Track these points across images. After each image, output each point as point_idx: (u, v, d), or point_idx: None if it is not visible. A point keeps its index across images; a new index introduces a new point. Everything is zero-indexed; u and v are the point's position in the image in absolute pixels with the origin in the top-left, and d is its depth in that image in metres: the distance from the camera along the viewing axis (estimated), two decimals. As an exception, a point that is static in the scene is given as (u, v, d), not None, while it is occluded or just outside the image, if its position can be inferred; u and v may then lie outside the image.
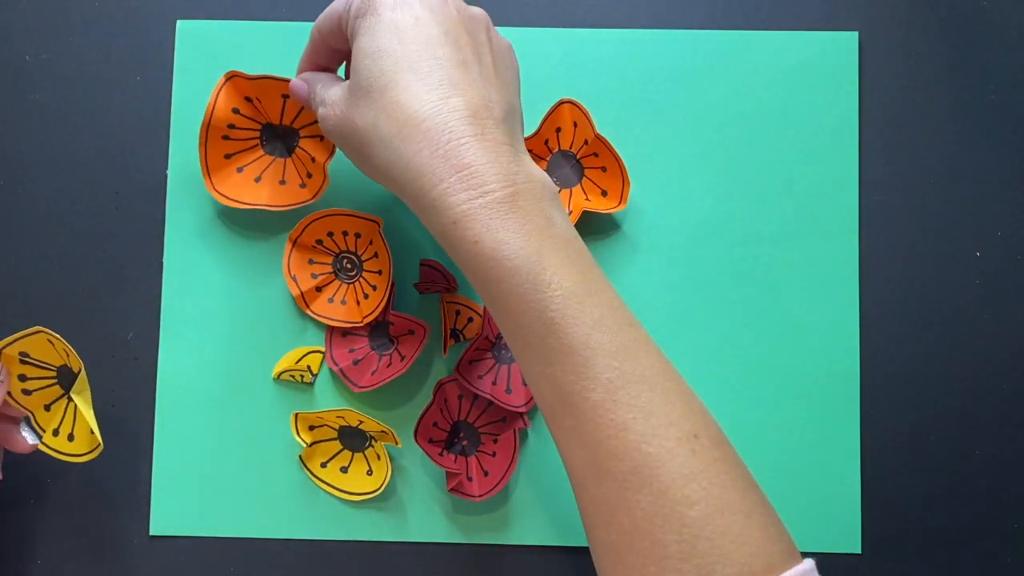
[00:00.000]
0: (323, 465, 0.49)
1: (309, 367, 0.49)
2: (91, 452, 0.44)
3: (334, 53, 0.44)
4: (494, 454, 0.48)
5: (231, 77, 0.47)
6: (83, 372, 0.44)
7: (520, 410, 0.48)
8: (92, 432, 0.44)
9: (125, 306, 0.50)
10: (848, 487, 0.49)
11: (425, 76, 0.37)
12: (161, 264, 0.50)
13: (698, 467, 0.35)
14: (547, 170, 0.50)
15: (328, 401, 0.49)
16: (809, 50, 0.51)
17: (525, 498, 0.49)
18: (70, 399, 0.45)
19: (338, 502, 0.49)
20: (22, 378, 0.44)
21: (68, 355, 0.44)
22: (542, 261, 0.36)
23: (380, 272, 0.48)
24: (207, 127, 0.48)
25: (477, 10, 0.41)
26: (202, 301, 0.50)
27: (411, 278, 0.50)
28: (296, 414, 0.48)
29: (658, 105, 0.51)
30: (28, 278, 0.50)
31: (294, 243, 0.49)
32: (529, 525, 0.48)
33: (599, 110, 0.49)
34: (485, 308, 0.49)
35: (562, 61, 0.51)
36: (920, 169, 0.51)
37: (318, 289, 0.49)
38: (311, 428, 0.48)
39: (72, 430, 0.45)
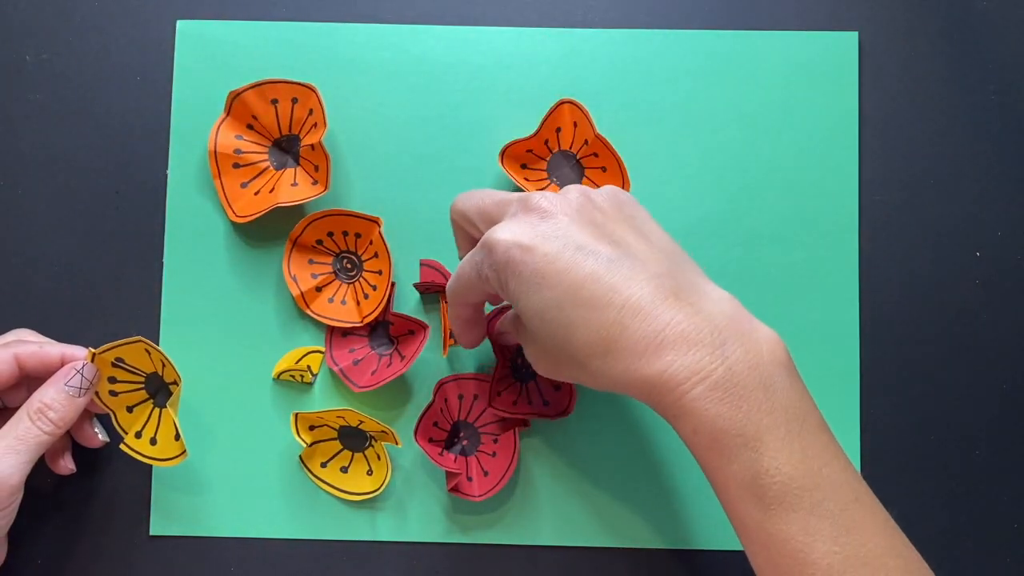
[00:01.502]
0: (323, 465, 0.49)
1: (309, 367, 0.49)
2: (174, 458, 0.45)
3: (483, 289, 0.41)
4: (494, 454, 0.48)
5: (229, 107, 0.48)
6: (179, 385, 0.45)
7: (567, 414, 0.48)
8: (176, 439, 0.45)
9: (125, 306, 0.50)
10: (848, 487, 0.49)
11: (611, 342, 0.36)
12: (161, 264, 0.50)
13: None
14: (547, 170, 0.50)
15: (328, 401, 0.49)
16: (809, 50, 0.51)
17: (525, 498, 0.49)
18: (155, 404, 0.46)
19: (338, 502, 0.49)
20: (111, 380, 0.46)
21: (164, 366, 0.45)
22: (760, 441, 0.34)
23: (380, 272, 0.48)
24: (215, 161, 0.49)
25: (609, 196, 0.39)
26: (202, 301, 0.50)
27: (411, 278, 0.50)
28: (296, 414, 0.48)
29: (658, 105, 0.51)
30: (28, 278, 0.50)
31: (294, 243, 0.49)
32: (529, 525, 0.48)
33: (599, 110, 0.49)
34: (490, 330, 0.48)
35: (562, 61, 0.51)
36: (920, 169, 0.51)
37: (318, 289, 0.49)
38: (311, 428, 0.48)
39: (155, 434, 0.46)
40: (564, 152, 0.50)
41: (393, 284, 0.48)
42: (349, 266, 0.50)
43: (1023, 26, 0.51)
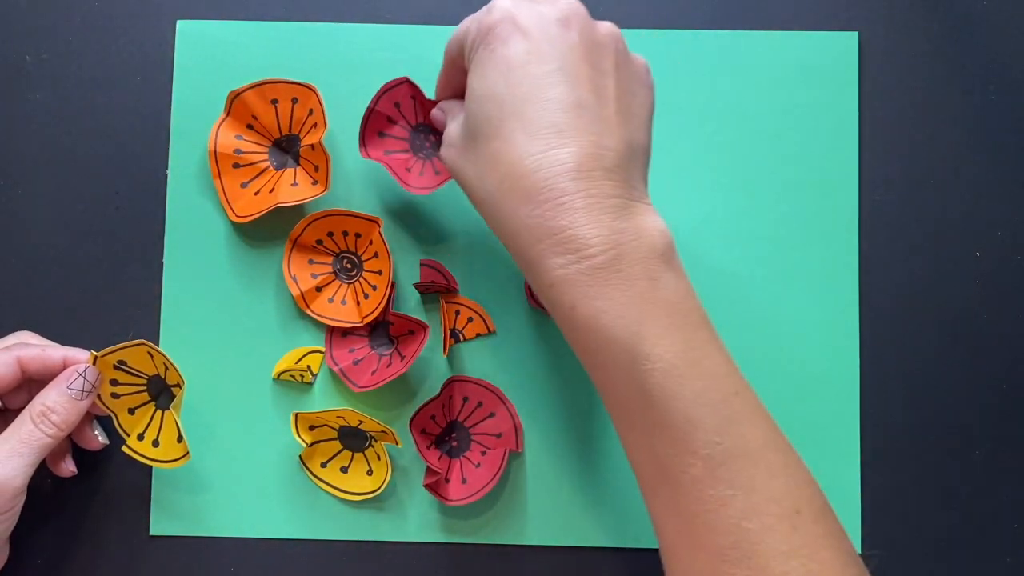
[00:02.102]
0: (323, 465, 0.49)
1: (309, 367, 0.49)
2: (177, 460, 0.45)
3: (466, 76, 0.40)
4: (478, 465, 0.48)
5: (229, 107, 0.48)
6: (182, 388, 0.45)
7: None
8: (179, 441, 0.45)
9: (125, 306, 0.50)
10: (848, 487, 0.49)
11: (530, 124, 0.35)
12: (161, 264, 0.50)
13: (798, 543, 0.34)
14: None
15: (328, 401, 0.49)
16: (809, 50, 0.51)
17: (524, 498, 0.49)
18: (158, 407, 0.46)
19: (338, 502, 0.49)
20: (113, 383, 0.46)
21: (167, 369, 0.45)
22: (641, 331, 0.34)
23: (380, 272, 0.48)
24: (215, 161, 0.49)
25: (605, 30, 0.38)
26: (202, 301, 0.50)
27: (411, 278, 0.50)
28: (296, 414, 0.48)
29: (658, 105, 0.50)
30: (28, 278, 0.50)
31: (294, 243, 0.49)
32: (528, 525, 0.48)
33: (599, 110, 0.49)
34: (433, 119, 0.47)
35: (562, 61, 0.51)
36: (920, 169, 0.51)
37: (318, 289, 0.49)
38: (311, 428, 0.48)
39: (157, 436, 0.46)
40: (564, 152, 0.50)
41: (393, 284, 0.48)
42: (349, 266, 0.50)
43: (1023, 26, 0.51)
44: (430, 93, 0.47)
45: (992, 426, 0.49)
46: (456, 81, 0.42)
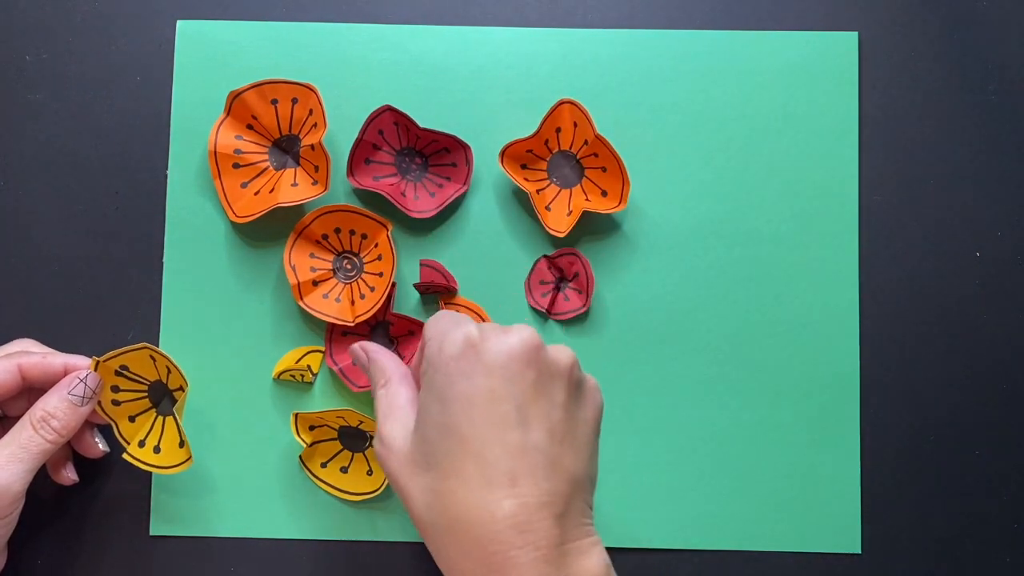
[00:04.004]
0: (323, 465, 0.49)
1: (309, 367, 0.49)
2: (179, 465, 0.45)
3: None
4: None
5: (229, 107, 0.48)
6: (185, 392, 0.45)
7: None
8: (181, 446, 0.45)
9: (125, 306, 0.50)
10: (848, 487, 0.49)
11: (488, 468, 0.35)
12: (161, 264, 0.50)
13: None
14: (547, 170, 0.50)
15: (328, 401, 0.49)
16: (809, 50, 0.51)
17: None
18: (159, 413, 0.46)
19: (338, 502, 0.49)
20: (114, 389, 0.46)
21: (169, 372, 0.45)
22: None
23: (381, 275, 0.48)
24: (215, 161, 0.49)
25: (560, 357, 0.38)
26: (202, 301, 0.50)
27: (411, 279, 0.50)
28: (296, 414, 0.48)
29: (658, 105, 0.51)
30: (28, 278, 0.50)
31: (299, 233, 0.49)
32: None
33: (599, 110, 0.49)
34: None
35: (562, 61, 0.51)
36: (920, 169, 0.51)
37: (315, 283, 0.49)
38: (311, 428, 0.48)
39: (159, 442, 0.46)
40: (564, 152, 0.50)
41: (394, 284, 0.48)
42: (349, 267, 0.50)
43: (1023, 26, 0.51)
44: (420, 107, 0.48)
45: (992, 426, 0.49)
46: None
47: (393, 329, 0.49)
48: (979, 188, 0.50)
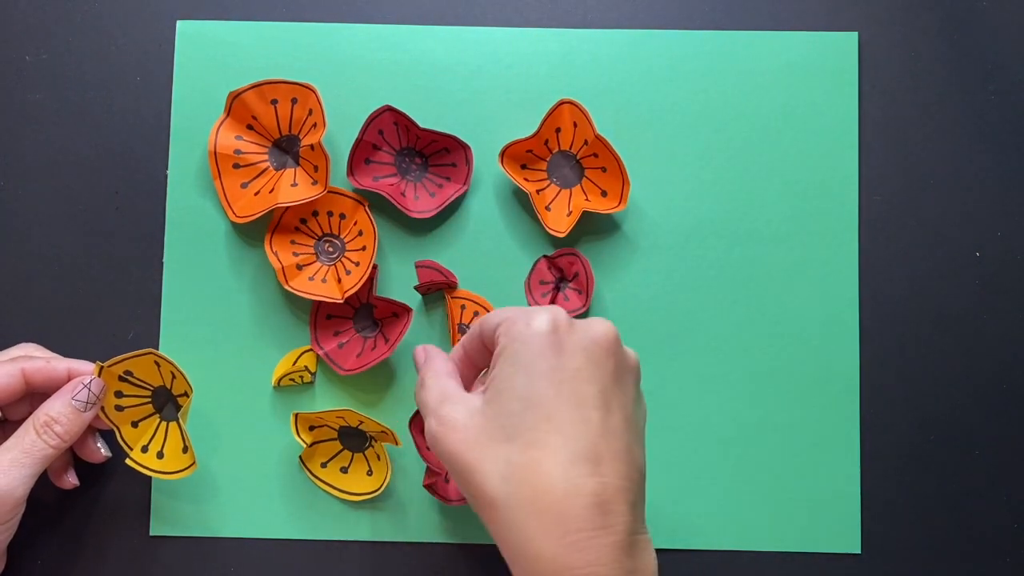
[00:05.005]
0: (323, 465, 0.49)
1: (306, 366, 0.49)
2: (183, 470, 0.45)
3: (484, 356, 0.41)
4: None
5: (229, 107, 0.48)
6: (189, 397, 0.45)
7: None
8: (185, 451, 0.45)
9: (125, 306, 0.50)
10: (848, 487, 0.49)
11: (574, 443, 0.35)
12: (161, 264, 0.50)
13: None
14: (547, 170, 0.50)
15: (328, 401, 0.49)
16: (809, 50, 0.51)
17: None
18: (162, 418, 0.46)
19: (338, 502, 0.49)
20: (118, 394, 0.46)
21: (173, 377, 0.45)
22: None
23: (364, 248, 0.48)
24: (215, 161, 0.49)
25: (632, 355, 0.39)
26: (202, 301, 0.50)
27: (410, 281, 0.50)
28: (296, 414, 0.48)
29: (658, 105, 0.51)
30: (29, 278, 0.50)
31: (278, 222, 0.49)
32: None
33: (599, 110, 0.49)
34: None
35: (562, 61, 0.51)
36: (920, 169, 0.51)
37: (299, 267, 0.49)
38: (311, 428, 0.48)
39: (162, 448, 0.46)
40: (564, 152, 0.50)
41: (375, 267, 0.48)
42: (331, 249, 0.50)
43: (1023, 26, 0.51)
44: (420, 107, 0.48)
45: (992, 426, 0.49)
46: (474, 354, 0.41)
47: (376, 312, 0.49)
48: (979, 188, 0.50)
